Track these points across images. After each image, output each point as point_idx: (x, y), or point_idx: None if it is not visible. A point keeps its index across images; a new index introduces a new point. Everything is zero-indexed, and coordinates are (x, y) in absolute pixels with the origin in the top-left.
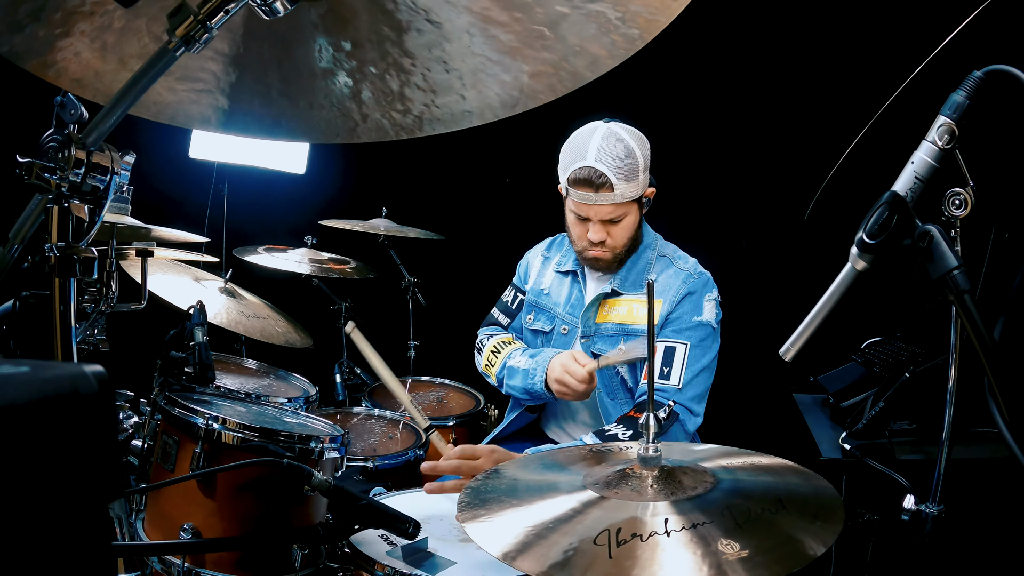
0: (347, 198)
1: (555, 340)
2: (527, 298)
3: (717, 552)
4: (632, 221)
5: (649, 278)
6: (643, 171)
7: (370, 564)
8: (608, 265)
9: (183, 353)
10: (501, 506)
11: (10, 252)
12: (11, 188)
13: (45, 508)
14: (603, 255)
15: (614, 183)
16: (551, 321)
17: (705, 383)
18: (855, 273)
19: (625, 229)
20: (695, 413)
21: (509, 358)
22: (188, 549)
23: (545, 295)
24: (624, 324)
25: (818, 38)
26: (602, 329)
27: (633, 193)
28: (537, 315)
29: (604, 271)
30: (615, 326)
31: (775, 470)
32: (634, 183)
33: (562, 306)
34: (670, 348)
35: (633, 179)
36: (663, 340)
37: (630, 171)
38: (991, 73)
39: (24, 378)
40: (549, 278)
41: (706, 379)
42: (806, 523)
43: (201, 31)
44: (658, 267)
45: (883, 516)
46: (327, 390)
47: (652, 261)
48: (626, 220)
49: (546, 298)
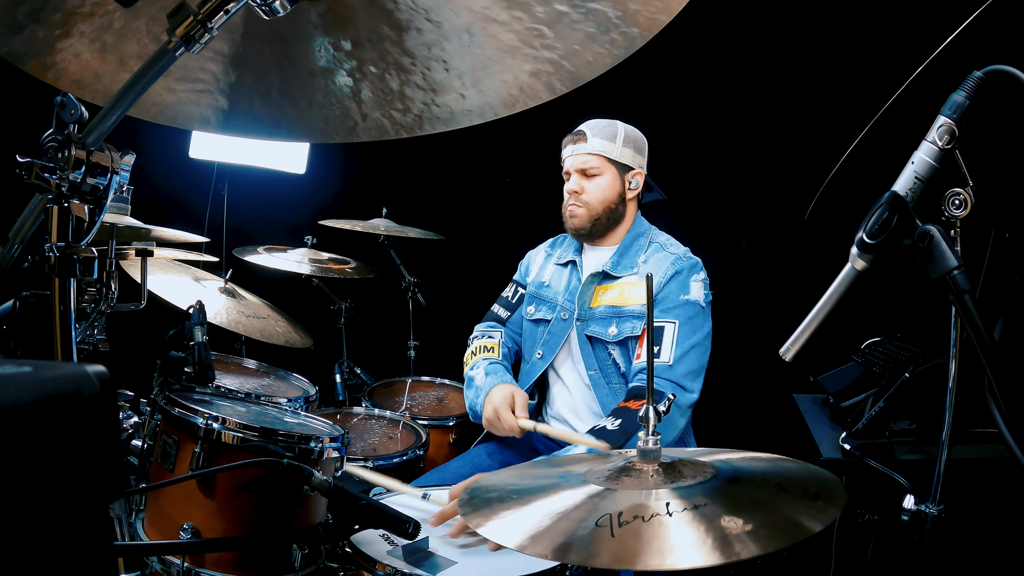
0: (347, 198)
1: (554, 325)
2: (528, 291)
3: (720, 527)
4: (608, 183)
5: (638, 259)
6: (624, 142)
7: (371, 564)
8: (582, 223)
9: (183, 353)
10: (504, 505)
11: (10, 252)
12: (11, 188)
13: (46, 508)
14: (577, 208)
15: (589, 137)
16: (552, 310)
17: (698, 360)
18: (855, 273)
19: (599, 188)
20: (688, 389)
21: (474, 367)
22: (188, 549)
23: (546, 287)
24: (616, 307)
25: (819, 39)
26: (596, 312)
27: (607, 151)
28: (538, 305)
29: (578, 230)
30: (607, 308)
31: (774, 463)
32: (611, 144)
33: (562, 294)
34: (658, 328)
35: (610, 140)
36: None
37: (608, 134)
38: (991, 73)
39: (26, 378)
40: (550, 271)
41: (699, 356)
42: (807, 502)
43: (201, 31)
44: (649, 251)
45: (883, 516)
46: (327, 390)
47: (644, 247)
48: (601, 179)
49: (547, 289)
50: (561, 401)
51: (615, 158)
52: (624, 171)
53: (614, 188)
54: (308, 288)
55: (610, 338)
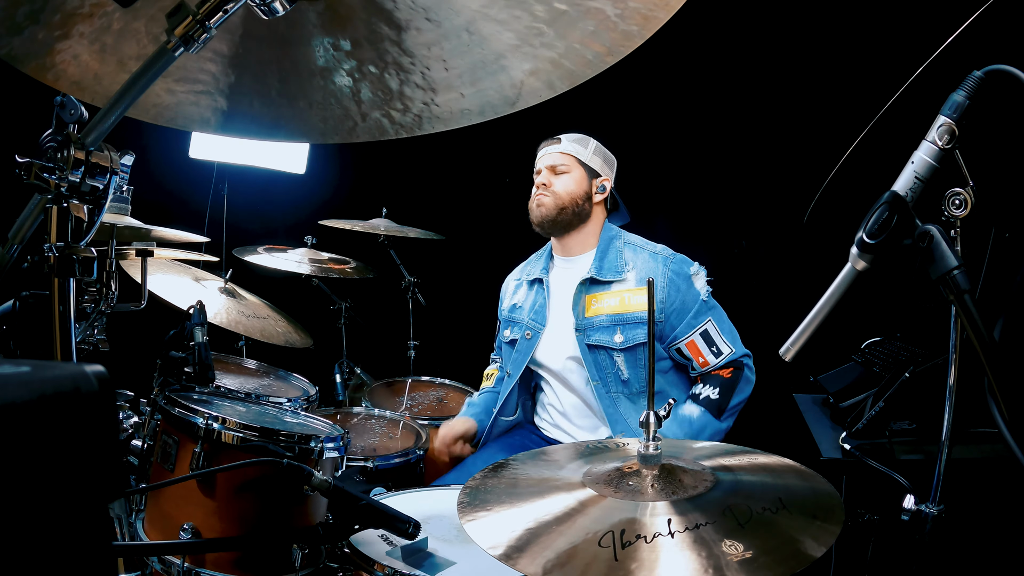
0: (347, 198)
1: (520, 344)
2: (503, 316)
3: (721, 554)
4: (575, 180)
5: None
6: (595, 151)
7: (370, 564)
8: (548, 213)
9: (183, 353)
10: (501, 505)
11: (10, 252)
12: (11, 188)
13: (45, 508)
14: (544, 197)
15: (563, 140)
16: (520, 329)
17: (733, 331)
18: (855, 273)
19: (566, 182)
20: (748, 354)
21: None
22: (188, 549)
23: (518, 308)
24: (618, 314)
25: (819, 39)
26: (595, 322)
27: (578, 153)
28: (513, 328)
29: (543, 219)
30: (608, 317)
31: (774, 469)
32: (582, 148)
33: (527, 312)
34: (704, 332)
35: (582, 146)
36: (694, 330)
37: (581, 142)
38: (991, 73)
39: (25, 378)
40: (522, 293)
41: (732, 328)
42: (806, 522)
43: (200, 31)
44: (628, 253)
45: (883, 516)
46: (327, 390)
47: (621, 249)
48: (569, 176)
49: (518, 311)
50: (555, 409)
51: (585, 161)
52: (592, 175)
53: (581, 186)
54: (308, 288)
55: (617, 345)
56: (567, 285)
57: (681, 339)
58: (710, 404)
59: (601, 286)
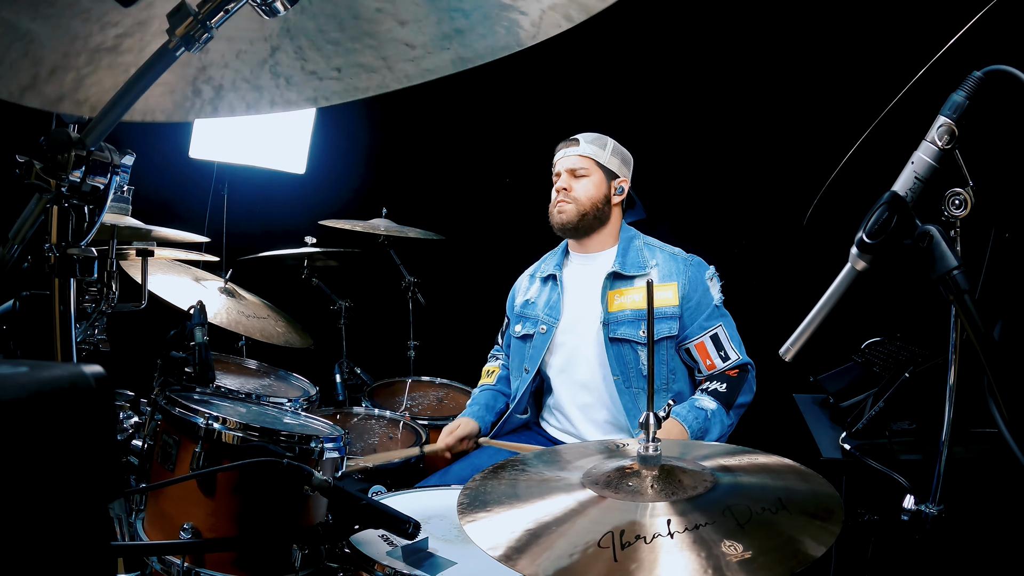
0: (347, 198)
1: (536, 339)
2: (515, 312)
3: (720, 555)
4: (595, 184)
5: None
6: (612, 152)
7: (370, 564)
8: (570, 219)
9: (183, 353)
10: (501, 507)
11: (10, 252)
12: (11, 188)
13: (45, 508)
14: (566, 204)
15: (581, 142)
16: (534, 325)
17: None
18: (855, 273)
19: (586, 187)
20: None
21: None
22: (188, 549)
23: (531, 304)
24: (643, 309)
25: (819, 40)
26: (620, 316)
27: (596, 155)
28: (525, 323)
29: (565, 225)
30: (633, 312)
31: (774, 469)
32: (601, 150)
33: (541, 307)
34: (714, 335)
35: (600, 147)
36: (705, 333)
37: (599, 143)
38: (991, 73)
39: (22, 378)
40: (535, 289)
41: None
42: (806, 523)
43: (201, 31)
44: (648, 253)
45: (883, 516)
46: (327, 390)
47: (641, 247)
48: (588, 179)
49: (531, 307)
50: (562, 409)
51: (603, 163)
52: (611, 177)
53: (600, 189)
54: (308, 288)
55: (642, 339)
56: (585, 281)
57: (692, 339)
58: (719, 396)
59: (625, 281)
